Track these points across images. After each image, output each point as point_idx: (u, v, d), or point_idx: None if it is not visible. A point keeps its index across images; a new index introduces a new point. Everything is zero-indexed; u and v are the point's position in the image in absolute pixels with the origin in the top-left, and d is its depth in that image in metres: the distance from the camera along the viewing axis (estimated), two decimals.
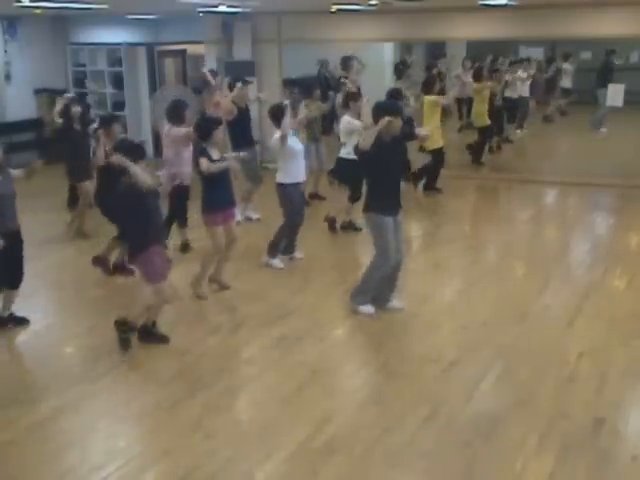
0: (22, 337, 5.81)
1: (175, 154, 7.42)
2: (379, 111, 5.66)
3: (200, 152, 6.30)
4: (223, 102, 8.36)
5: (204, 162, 6.12)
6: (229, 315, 6.24)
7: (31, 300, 6.56)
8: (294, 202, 7.12)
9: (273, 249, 7.23)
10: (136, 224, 5.28)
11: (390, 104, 6.19)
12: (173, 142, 7.40)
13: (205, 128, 6.32)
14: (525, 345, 5.45)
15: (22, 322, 5.93)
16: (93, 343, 5.56)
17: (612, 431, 4.27)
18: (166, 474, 3.96)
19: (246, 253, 7.47)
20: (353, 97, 8.03)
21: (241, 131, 8.35)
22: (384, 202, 5.76)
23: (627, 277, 6.84)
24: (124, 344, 5.37)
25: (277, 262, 7.22)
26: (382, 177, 5.74)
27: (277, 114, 6.91)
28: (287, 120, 6.83)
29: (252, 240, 7.69)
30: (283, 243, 7.28)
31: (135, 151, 5.33)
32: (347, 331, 5.90)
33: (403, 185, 6.22)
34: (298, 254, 7.51)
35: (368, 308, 5.98)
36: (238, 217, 8.06)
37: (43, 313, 6.39)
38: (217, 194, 6.28)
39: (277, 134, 6.90)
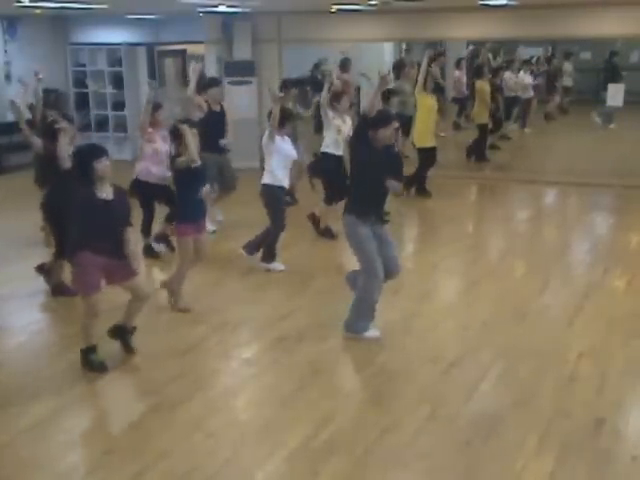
0: (20, 338, 5.80)
1: (148, 149, 7.44)
2: (367, 123, 5.42)
3: (173, 158, 6.09)
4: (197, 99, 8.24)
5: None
6: (229, 316, 6.23)
7: (30, 300, 6.57)
8: (280, 204, 7.07)
9: (267, 254, 7.12)
10: (76, 228, 4.98)
11: (380, 115, 5.66)
12: (141, 134, 7.50)
13: (174, 130, 6.05)
14: (525, 345, 5.44)
15: None
16: None
17: (612, 431, 4.26)
18: (166, 474, 3.95)
19: (244, 254, 7.46)
20: (336, 97, 7.93)
21: (212, 134, 7.83)
22: (363, 207, 5.41)
23: (627, 277, 6.84)
24: (97, 370, 5.09)
25: (277, 265, 7.15)
26: (367, 180, 5.40)
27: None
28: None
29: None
30: (274, 248, 7.12)
31: (90, 151, 5.00)
32: None
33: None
34: (279, 266, 7.23)
35: (373, 332, 5.56)
36: (210, 227, 7.83)
37: (42, 313, 6.40)
38: (190, 205, 6.03)
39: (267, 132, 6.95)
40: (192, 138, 5.87)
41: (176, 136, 5.99)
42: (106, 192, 4.93)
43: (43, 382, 4.98)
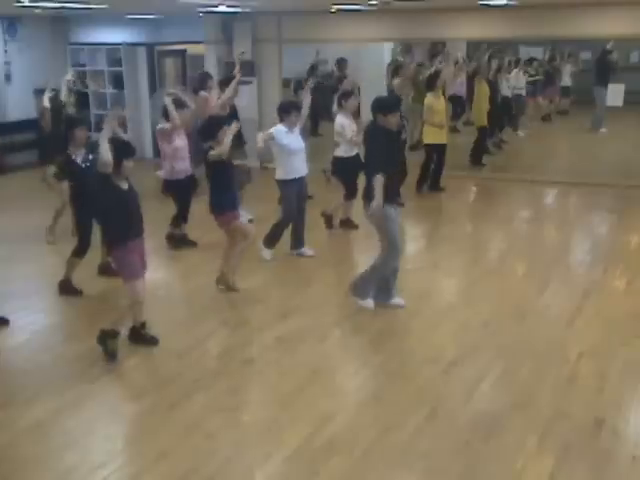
0: (21, 337, 5.80)
1: (168, 149, 7.57)
2: (377, 106, 5.81)
3: (206, 153, 6.34)
4: (213, 99, 8.45)
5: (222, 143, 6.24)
6: (229, 315, 6.24)
7: (31, 300, 6.57)
8: (290, 198, 7.24)
9: (266, 240, 7.38)
10: (115, 222, 5.24)
11: (388, 100, 6.31)
12: (160, 137, 7.67)
13: (209, 128, 6.41)
14: (525, 345, 5.45)
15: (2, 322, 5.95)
16: (92, 343, 5.52)
17: (612, 431, 4.26)
18: (166, 474, 3.95)
19: (245, 253, 7.46)
20: (345, 96, 8.13)
21: None
22: (387, 192, 5.77)
23: (627, 277, 6.84)
24: (107, 355, 5.29)
25: (266, 253, 7.36)
26: (386, 167, 5.74)
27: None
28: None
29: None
30: (277, 237, 7.38)
31: (124, 149, 5.28)
32: (347, 331, 5.89)
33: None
34: (308, 251, 7.57)
35: (369, 302, 6.07)
36: (249, 216, 8.15)
37: (43, 313, 6.40)
38: (228, 196, 6.38)
39: (260, 134, 7.09)
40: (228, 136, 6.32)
41: (209, 133, 6.32)
42: (123, 184, 5.24)
43: (43, 382, 4.98)
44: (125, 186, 5.24)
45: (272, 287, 6.79)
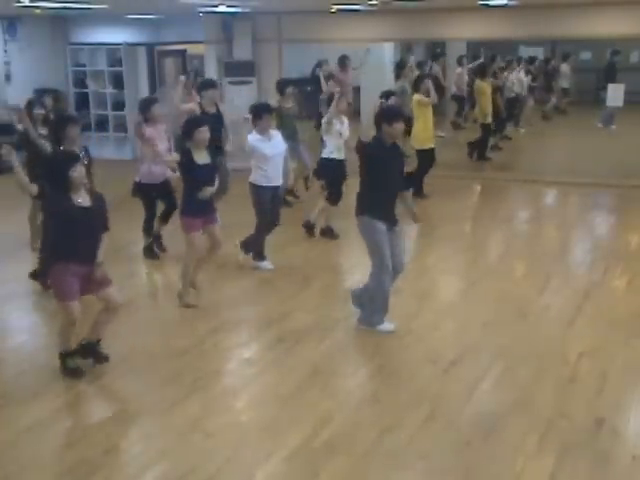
0: (21, 337, 5.80)
1: (148, 151, 7.39)
2: (382, 116, 5.52)
3: (183, 154, 6.11)
4: (184, 105, 8.18)
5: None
6: (228, 316, 6.23)
7: (30, 300, 6.57)
8: (262, 204, 6.98)
9: (255, 254, 7.17)
10: (52, 238, 4.92)
11: (391, 109, 6.04)
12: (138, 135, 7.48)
13: (185, 127, 6.16)
14: (525, 345, 5.44)
15: None
16: None
17: (612, 431, 4.26)
18: (166, 474, 3.95)
19: (240, 252, 7.46)
20: (331, 100, 7.92)
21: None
22: (378, 208, 5.49)
23: (627, 277, 6.84)
24: (68, 375, 5.02)
25: (265, 264, 7.16)
26: (379, 181, 5.47)
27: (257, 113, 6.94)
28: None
29: None
30: (261, 244, 7.15)
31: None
32: (346, 331, 5.88)
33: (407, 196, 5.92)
34: (267, 264, 7.24)
35: (387, 326, 5.65)
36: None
37: (42, 313, 6.39)
38: (195, 200, 6.01)
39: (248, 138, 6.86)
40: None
41: (186, 134, 6.11)
42: (82, 198, 4.80)
43: (43, 382, 4.97)
44: (81, 201, 4.77)
45: (271, 288, 6.78)
